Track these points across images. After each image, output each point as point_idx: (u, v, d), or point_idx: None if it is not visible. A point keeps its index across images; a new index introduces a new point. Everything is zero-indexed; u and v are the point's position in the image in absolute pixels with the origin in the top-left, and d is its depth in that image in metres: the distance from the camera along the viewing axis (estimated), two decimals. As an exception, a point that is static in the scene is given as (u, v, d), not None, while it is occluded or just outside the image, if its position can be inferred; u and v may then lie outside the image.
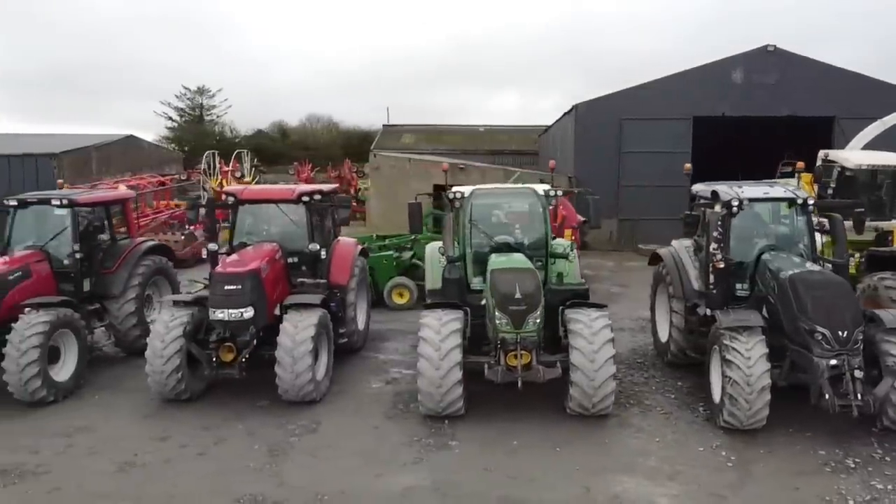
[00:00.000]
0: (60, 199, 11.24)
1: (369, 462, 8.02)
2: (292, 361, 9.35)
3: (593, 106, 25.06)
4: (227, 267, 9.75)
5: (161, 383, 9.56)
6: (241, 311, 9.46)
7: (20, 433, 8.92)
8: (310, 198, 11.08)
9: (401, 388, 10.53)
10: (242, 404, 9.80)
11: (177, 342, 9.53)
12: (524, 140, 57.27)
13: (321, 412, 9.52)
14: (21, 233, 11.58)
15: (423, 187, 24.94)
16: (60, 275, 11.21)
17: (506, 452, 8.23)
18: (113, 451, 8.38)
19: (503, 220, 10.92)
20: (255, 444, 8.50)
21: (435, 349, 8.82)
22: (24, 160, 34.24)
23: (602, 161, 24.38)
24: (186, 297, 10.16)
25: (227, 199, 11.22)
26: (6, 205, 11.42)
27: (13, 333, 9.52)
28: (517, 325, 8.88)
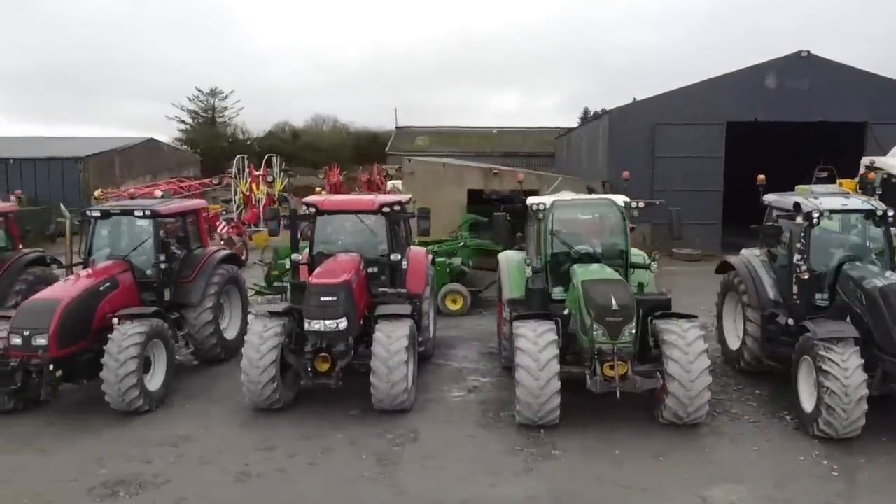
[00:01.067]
0: (143, 209, 11.39)
1: (479, 471, 8.19)
2: (388, 371, 9.51)
3: (627, 111, 25.24)
4: (321, 278, 9.90)
5: (257, 393, 9.72)
6: (337, 322, 9.63)
7: (126, 443, 9.06)
8: (390, 208, 11.25)
9: (484, 397, 10.71)
10: (334, 413, 9.95)
11: (273, 352, 9.68)
12: (537, 142, 57.48)
13: (415, 421, 9.68)
14: (101, 243, 11.76)
15: (457, 192, 25.13)
16: (143, 285, 11.36)
17: (611, 462, 8.40)
18: (223, 460, 8.54)
19: (583, 231, 11.07)
20: (362, 454, 8.66)
21: (534, 360, 8.99)
22: (49, 163, 34.37)
23: (635, 166, 24.40)
24: (279, 308, 10.31)
25: (309, 209, 11.37)
26: (89, 215, 11.57)
27: (111, 344, 9.66)
28: (613, 336, 9.06)
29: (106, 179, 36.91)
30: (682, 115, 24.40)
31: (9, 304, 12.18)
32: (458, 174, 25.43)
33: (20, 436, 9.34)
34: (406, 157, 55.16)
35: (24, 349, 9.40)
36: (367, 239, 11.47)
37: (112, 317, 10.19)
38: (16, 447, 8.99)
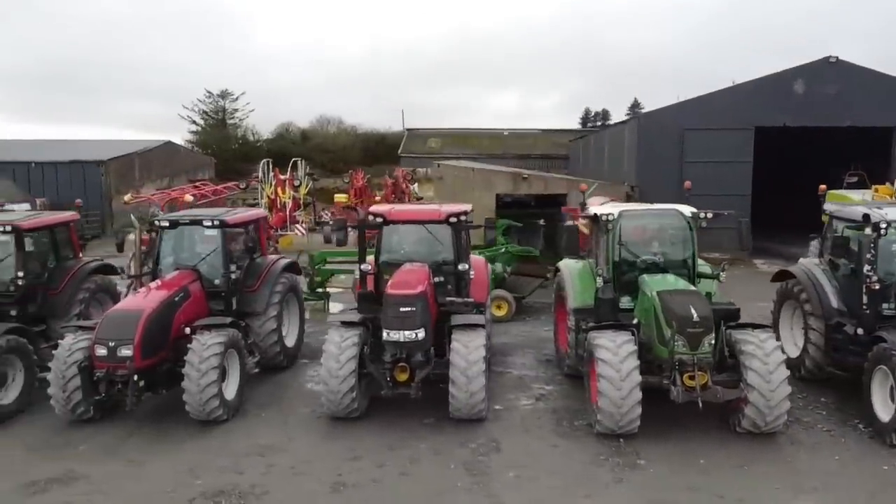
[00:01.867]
0: (212, 219, 11.49)
1: (570, 482, 8.31)
2: (467, 381, 9.63)
3: (656, 116, 25.40)
4: (398, 289, 10.00)
5: (336, 402, 9.83)
6: (416, 333, 9.74)
7: (212, 453, 9.17)
8: (457, 218, 11.36)
9: (553, 405, 10.84)
10: (409, 422, 10.06)
11: (352, 362, 9.80)
12: (549, 144, 57.60)
13: (492, 430, 9.80)
14: (168, 253, 11.87)
15: (486, 197, 25.23)
16: (211, 294, 11.46)
17: (697, 471, 8.53)
18: (314, 470, 8.65)
19: (650, 240, 11.19)
20: (450, 464, 8.78)
21: (615, 370, 9.11)
22: (71, 167, 34.44)
23: (664, 170, 24.68)
24: (355, 318, 10.42)
25: (376, 219, 11.48)
26: (158, 225, 11.67)
27: (191, 354, 9.77)
28: (693, 346, 9.19)
29: (126, 182, 37.02)
30: (711, 120, 24.55)
31: (73, 312, 12.27)
32: (487, 179, 25.54)
33: (105, 445, 9.45)
34: (417, 158, 55.41)
35: (109, 360, 9.50)
36: (433, 248, 11.57)
37: (189, 327, 10.30)
38: (103, 457, 9.09)
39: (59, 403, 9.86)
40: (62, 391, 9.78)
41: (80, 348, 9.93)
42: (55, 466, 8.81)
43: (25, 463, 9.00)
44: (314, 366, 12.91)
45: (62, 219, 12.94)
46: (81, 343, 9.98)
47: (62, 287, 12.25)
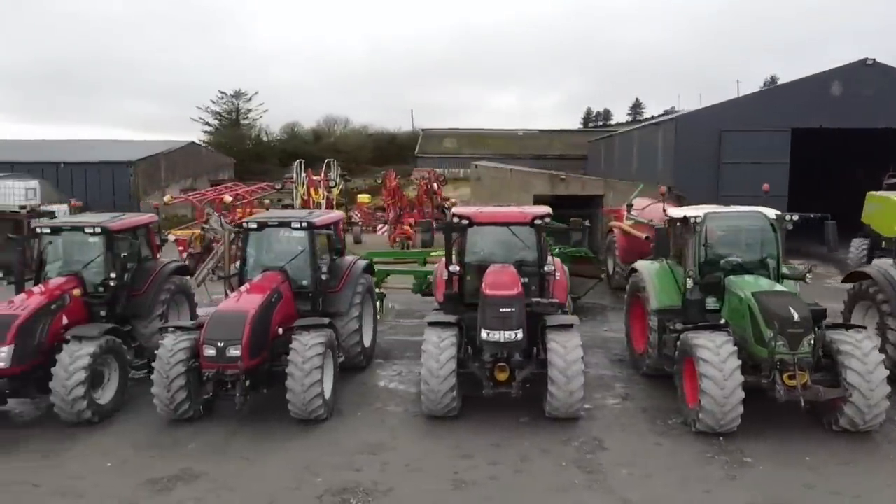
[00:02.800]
0: (300, 221, 11.66)
1: (685, 478, 8.49)
2: (566, 381, 9.80)
3: (693, 118, 25.60)
4: (496, 290, 10.17)
5: (436, 401, 9.99)
6: (515, 333, 9.92)
7: (322, 451, 9.32)
8: (541, 220, 11.53)
9: (641, 405, 11.00)
10: (505, 421, 10.23)
11: (451, 362, 9.97)
12: (564, 144, 57.83)
13: (590, 429, 9.98)
14: (253, 254, 12.03)
15: (523, 198, 25.41)
16: (299, 295, 11.63)
17: (806, 468, 8.71)
18: (429, 468, 8.82)
19: (735, 242, 11.36)
20: (561, 462, 8.96)
21: (718, 370, 9.28)
22: (100, 168, 34.56)
23: (701, 172, 24.89)
24: (450, 319, 10.59)
25: (461, 221, 11.64)
26: (247, 228, 11.83)
27: (294, 354, 9.91)
28: (794, 346, 9.37)
29: (153, 182, 37.18)
30: (748, 122, 24.75)
31: (156, 313, 12.44)
32: (525, 180, 25.75)
33: (212, 444, 9.60)
34: (433, 158, 55.54)
35: (218, 360, 9.66)
36: (517, 250, 11.74)
37: (290, 328, 10.47)
38: (215, 455, 9.25)
39: (163, 403, 10.02)
40: (166, 391, 9.94)
41: (182, 349, 10.09)
42: (171, 465, 8.97)
43: (140, 461, 9.15)
44: (390, 365, 13.14)
45: (144, 220, 13.11)
46: (183, 343, 10.14)
47: (145, 288, 12.41)
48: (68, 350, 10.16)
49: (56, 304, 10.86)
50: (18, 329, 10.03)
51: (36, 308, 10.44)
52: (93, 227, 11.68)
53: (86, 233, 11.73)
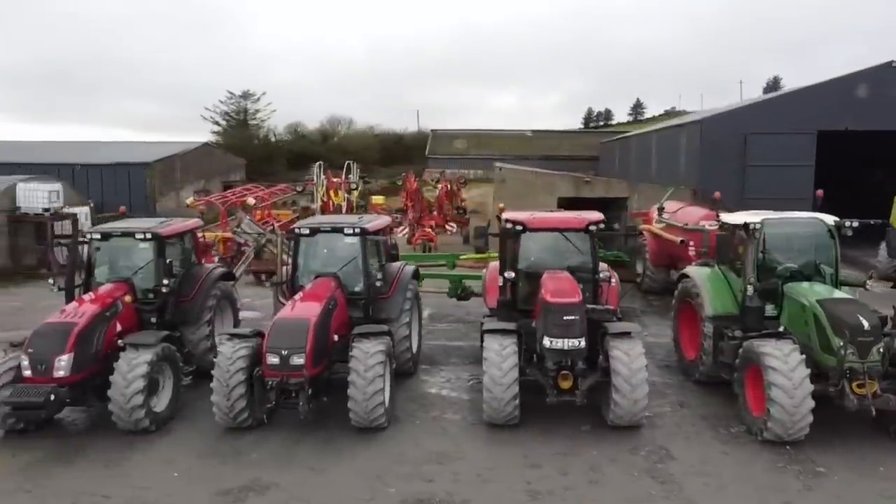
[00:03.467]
0: (353, 227, 11.57)
1: (761, 489, 8.41)
2: (631, 389, 9.73)
3: (718, 120, 25.53)
4: (559, 297, 10.09)
5: (499, 410, 9.91)
6: (579, 341, 9.85)
7: (390, 460, 9.23)
8: (596, 226, 11.46)
9: (699, 412, 10.92)
10: (566, 429, 10.15)
11: (514, 370, 9.89)
12: (574, 145, 57.77)
13: (654, 437, 9.90)
14: (304, 260, 11.95)
15: (548, 201, 25.34)
16: (351, 301, 11.53)
17: (881, 478, 8.64)
18: (500, 477, 8.74)
19: (792, 249, 11.28)
20: (633, 471, 8.89)
21: (787, 378, 9.21)
22: (116, 169, 34.44)
23: (726, 174, 24.81)
24: (510, 326, 10.51)
25: (515, 227, 11.56)
26: (298, 234, 11.73)
27: (355, 362, 9.81)
28: (863, 355, 9.31)
29: (168, 184, 37.07)
30: (774, 125, 24.70)
31: (204, 319, 12.35)
32: (550, 182, 25.67)
33: (275, 453, 9.51)
34: (443, 159, 55.42)
35: (282, 368, 9.57)
36: (571, 256, 11.66)
37: (345, 335, 10.39)
38: (281, 464, 9.16)
39: (222, 411, 9.93)
40: (226, 399, 9.85)
41: (241, 356, 10.01)
42: (238, 475, 8.89)
43: (205, 471, 9.07)
44: (437, 371, 13.07)
45: (191, 226, 13.01)
46: (242, 351, 10.06)
47: (193, 294, 12.32)
48: (125, 358, 10.07)
49: (110, 312, 10.77)
50: (77, 337, 9.95)
51: (92, 316, 10.35)
52: (143, 232, 11.59)
53: (136, 239, 11.64)
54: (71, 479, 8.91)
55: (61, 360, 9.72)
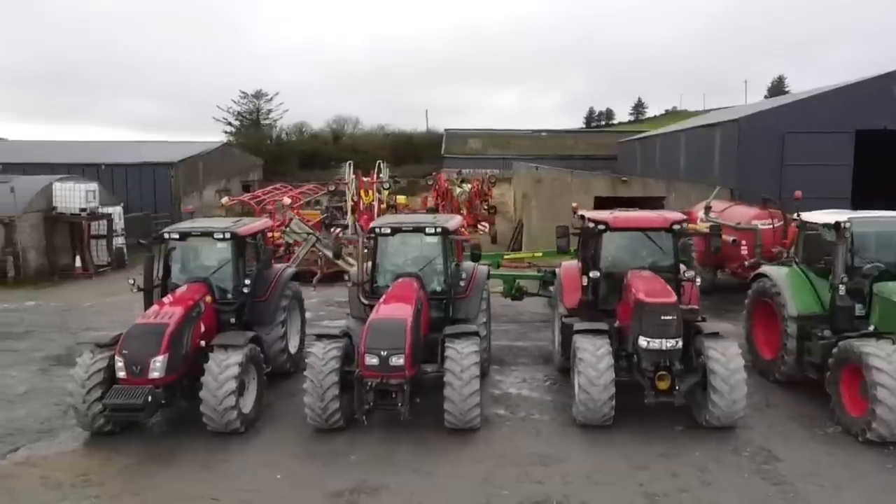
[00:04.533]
0: (434, 227, 11.48)
1: (874, 489, 8.35)
2: (730, 389, 9.65)
3: (756, 119, 25.45)
4: (654, 297, 10.00)
5: (595, 410, 9.83)
6: (676, 341, 9.78)
7: (495, 461, 9.15)
8: (680, 226, 11.38)
9: (789, 412, 10.84)
10: (661, 430, 10.07)
11: (610, 371, 9.81)
12: (589, 144, 57.75)
13: (751, 437, 9.83)
14: (385, 259, 11.87)
15: (584, 200, 25.24)
16: (431, 301, 11.43)
17: None
18: (609, 479, 8.67)
19: (882, 248, 11.21)
20: (743, 473, 8.81)
21: (893, 378, 9.14)
22: (141, 169, 34.28)
23: (763, 174, 24.73)
24: (601, 326, 10.43)
25: (598, 226, 11.48)
26: (379, 233, 11.63)
27: (451, 363, 9.73)
28: (973, 356, 9.23)
29: (191, 184, 36.91)
30: (811, 124, 24.61)
31: (278, 319, 12.27)
32: (586, 182, 25.60)
33: (375, 454, 9.41)
34: (459, 158, 55.29)
35: (381, 369, 9.47)
36: (653, 256, 11.57)
37: (436, 337, 10.31)
38: (382, 466, 9.06)
39: (315, 413, 9.85)
40: (320, 401, 9.77)
41: (333, 357, 9.92)
42: (343, 477, 8.80)
43: (309, 473, 8.98)
44: (509, 371, 13.00)
45: (263, 225, 12.92)
46: (333, 352, 9.98)
47: (268, 294, 12.22)
48: (215, 359, 9.98)
49: (195, 312, 10.67)
50: (170, 338, 9.85)
51: (181, 317, 10.23)
52: (222, 232, 11.49)
53: (215, 238, 11.53)
54: (173, 482, 8.83)
55: (156, 362, 9.62)
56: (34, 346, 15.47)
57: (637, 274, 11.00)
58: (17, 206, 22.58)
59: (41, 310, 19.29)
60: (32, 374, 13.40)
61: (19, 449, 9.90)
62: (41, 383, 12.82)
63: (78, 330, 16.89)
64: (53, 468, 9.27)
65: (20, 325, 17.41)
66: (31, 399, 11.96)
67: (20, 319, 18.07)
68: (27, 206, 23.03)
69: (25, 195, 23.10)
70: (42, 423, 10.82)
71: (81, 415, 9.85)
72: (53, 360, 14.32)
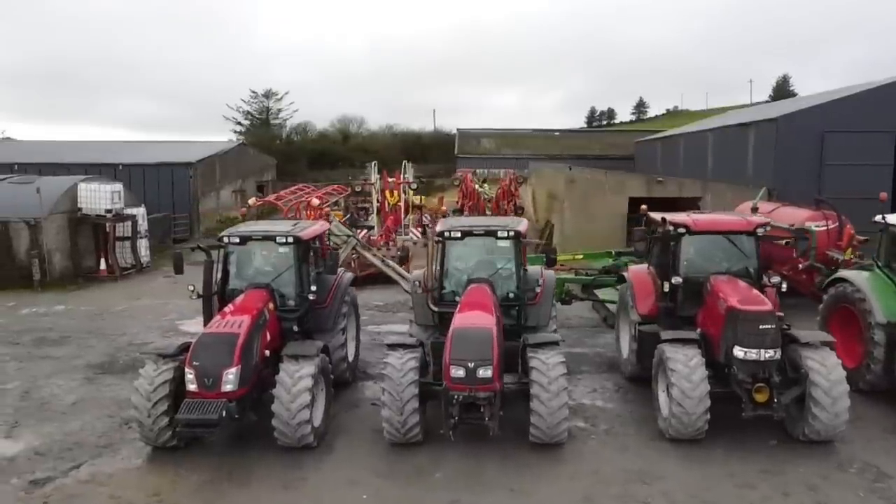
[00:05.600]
0: (507, 230, 10.99)
1: None
2: (832, 402, 9.17)
3: (794, 118, 24.99)
4: (751, 305, 9.52)
5: (689, 425, 9.33)
6: (775, 351, 9.30)
7: (590, 479, 8.69)
8: (763, 229, 10.90)
9: (879, 425, 10.37)
10: (752, 443, 9.59)
11: (705, 383, 9.33)
12: (603, 144, 57.28)
13: (853, 452, 9.37)
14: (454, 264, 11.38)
15: (618, 201, 24.80)
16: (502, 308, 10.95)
17: None
18: (718, 498, 8.20)
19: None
20: (857, 491, 8.34)
21: None
22: (159, 169, 33.75)
23: (802, 174, 24.29)
24: (692, 335, 9.94)
25: (678, 229, 10.99)
26: (448, 237, 11.13)
27: (538, 374, 9.22)
28: None
29: (208, 184, 36.39)
30: (851, 123, 24.17)
31: (339, 327, 11.78)
32: (620, 182, 25.11)
33: (465, 472, 8.92)
34: (473, 158, 54.79)
35: (467, 381, 8.96)
36: (735, 260, 11.09)
37: (525, 345, 9.82)
38: (478, 486, 8.58)
39: (393, 427, 9.35)
40: (399, 414, 9.27)
41: (411, 368, 9.44)
42: (433, 496, 8.37)
43: (396, 492, 8.52)
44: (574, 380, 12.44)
45: (323, 229, 12.42)
46: (411, 363, 9.49)
47: (328, 300, 11.73)
48: (287, 370, 9.48)
49: (262, 320, 10.17)
50: (242, 348, 9.34)
51: (250, 325, 9.73)
52: (285, 236, 10.98)
53: (277, 243, 11.03)
54: (252, 502, 8.33)
55: (229, 374, 9.11)
56: (73, 352, 14.96)
57: (722, 279, 10.52)
58: (43, 208, 22.03)
59: (73, 314, 18.77)
60: (79, 383, 12.89)
61: (82, 466, 9.39)
62: (89, 393, 12.31)
63: (114, 335, 16.38)
64: (122, 486, 8.78)
65: (54, 331, 16.89)
66: (83, 411, 11.45)
67: (53, 324, 17.55)
68: (52, 208, 22.49)
69: (50, 196, 22.56)
70: (100, 437, 10.31)
71: (147, 429, 9.35)
72: (97, 368, 13.80)
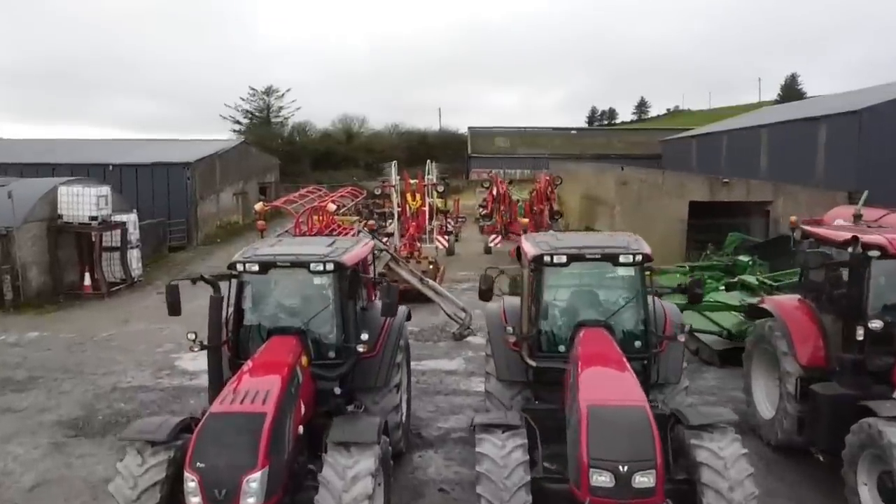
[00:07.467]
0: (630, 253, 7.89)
1: None
2: None
3: (883, 110, 21.96)
4: None
5: None
6: None
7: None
8: None
9: None
10: None
11: None
12: (625, 143, 54.37)
13: None
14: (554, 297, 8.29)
15: (677, 205, 21.81)
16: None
17: None
18: None
19: None
20: None
21: None
22: (153, 170, 30.63)
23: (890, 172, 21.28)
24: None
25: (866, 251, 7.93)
26: (551, 262, 8.03)
27: (711, 475, 6.17)
28: None
29: (207, 186, 33.28)
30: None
31: (393, 383, 8.67)
32: (680, 184, 22.12)
33: None
34: (486, 158, 51.79)
35: (618, 494, 5.80)
36: None
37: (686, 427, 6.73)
38: None
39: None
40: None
41: (519, 463, 6.40)
42: None
43: None
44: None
45: (369, 249, 9.33)
46: (517, 454, 6.47)
47: (378, 346, 8.62)
48: (335, 467, 6.40)
49: (294, 386, 7.07)
50: (270, 436, 6.21)
51: (279, 396, 6.61)
52: (322, 261, 7.86)
53: (311, 271, 7.90)
54: None
55: (252, 481, 5.94)
56: (41, 402, 11.84)
57: None
58: (16, 216, 18.87)
59: (47, 343, 15.65)
60: (42, 451, 9.79)
61: None
62: (55, 469, 9.21)
63: (95, 374, 13.29)
64: None
65: (22, 368, 13.77)
66: (43, 500, 8.36)
67: (22, 359, 14.43)
68: (28, 215, 19.33)
69: (25, 202, 19.40)
70: (63, 553, 7.22)
71: (129, 556, 6.24)
72: (69, 426, 10.69)
